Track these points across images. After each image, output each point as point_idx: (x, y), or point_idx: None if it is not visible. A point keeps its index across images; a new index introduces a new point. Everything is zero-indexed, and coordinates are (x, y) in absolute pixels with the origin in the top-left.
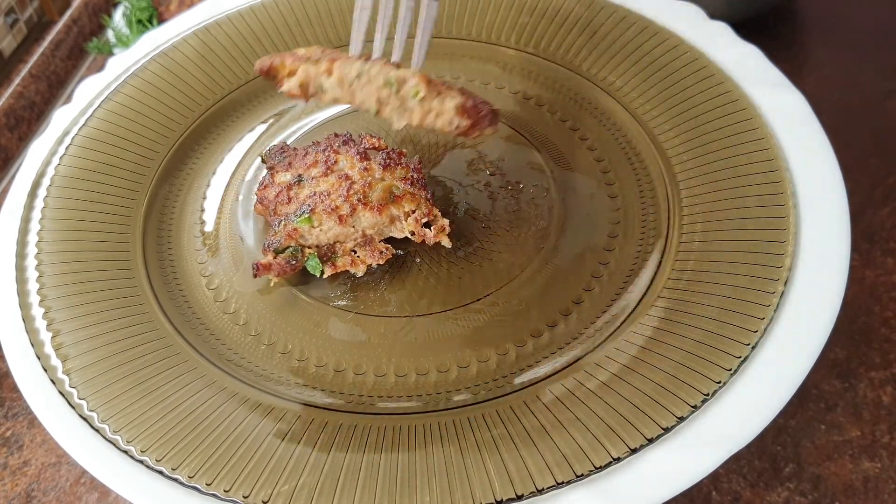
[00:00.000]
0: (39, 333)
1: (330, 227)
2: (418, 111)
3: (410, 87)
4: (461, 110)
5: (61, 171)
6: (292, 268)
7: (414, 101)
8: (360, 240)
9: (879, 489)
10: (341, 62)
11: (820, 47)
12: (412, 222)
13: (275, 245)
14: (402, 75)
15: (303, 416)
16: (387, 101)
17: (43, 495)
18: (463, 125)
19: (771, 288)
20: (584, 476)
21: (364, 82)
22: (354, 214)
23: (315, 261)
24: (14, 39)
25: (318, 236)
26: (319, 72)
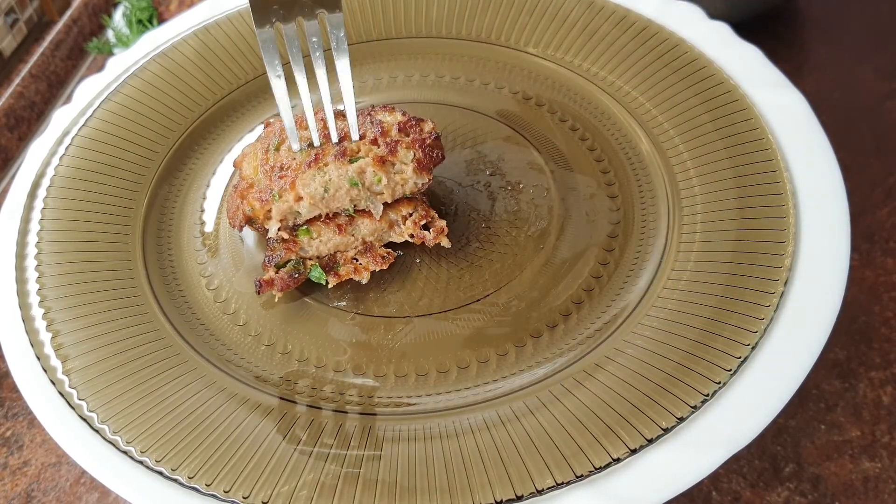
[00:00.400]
0: (39, 334)
1: (329, 237)
2: (387, 192)
3: (370, 177)
4: (418, 170)
5: (61, 172)
6: (295, 281)
7: (380, 187)
8: (360, 247)
9: (879, 489)
10: (301, 182)
11: (820, 47)
12: (410, 225)
13: (275, 260)
14: (360, 168)
15: (302, 417)
16: (358, 197)
17: (43, 495)
18: (426, 182)
19: (771, 288)
20: (583, 476)
21: (332, 192)
22: (353, 223)
23: (318, 271)
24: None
25: (318, 247)
26: (290, 203)
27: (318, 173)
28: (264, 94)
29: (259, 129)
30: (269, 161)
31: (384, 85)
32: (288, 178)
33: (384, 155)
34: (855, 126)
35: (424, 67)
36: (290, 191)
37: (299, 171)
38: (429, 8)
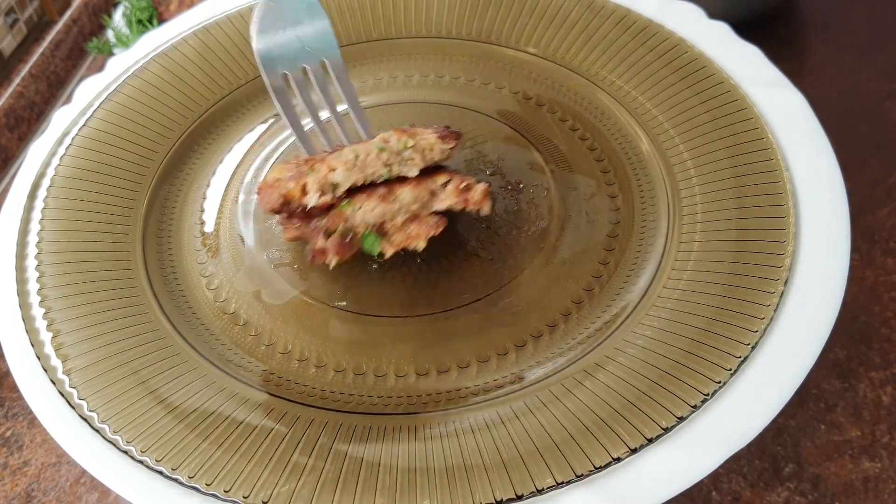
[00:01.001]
0: (39, 333)
1: (373, 206)
2: (418, 156)
3: (396, 143)
4: (440, 138)
5: (61, 172)
6: (349, 246)
7: (409, 152)
8: (406, 216)
9: (879, 489)
10: (332, 156)
11: (820, 47)
12: (452, 189)
13: (321, 225)
14: (384, 137)
15: (302, 417)
16: (390, 160)
17: (43, 495)
18: (451, 149)
19: (771, 288)
20: (584, 476)
21: (363, 158)
22: (393, 192)
23: (372, 237)
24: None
25: (364, 216)
26: (325, 173)
27: (344, 152)
28: (264, 93)
29: (259, 128)
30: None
31: (384, 85)
32: (317, 160)
33: (404, 129)
34: (855, 126)
35: (424, 67)
36: (322, 164)
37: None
38: (429, 8)
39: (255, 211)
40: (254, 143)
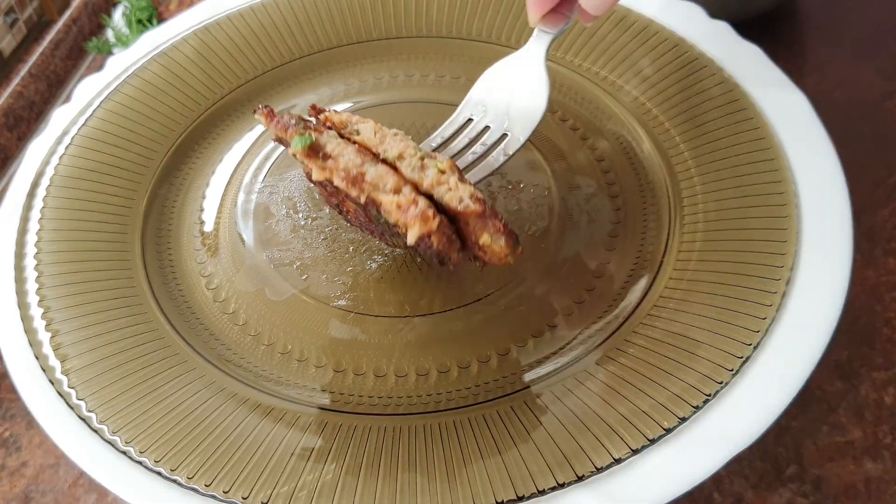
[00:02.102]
0: (38, 333)
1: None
2: (433, 177)
3: (436, 160)
4: (476, 199)
5: (60, 171)
6: (285, 127)
7: (432, 171)
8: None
9: (882, 490)
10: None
11: (821, 47)
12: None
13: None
14: (433, 154)
15: (302, 417)
16: (408, 157)
17: (41, 496)
18: (472, 208)
19: (773, 288)
20: (585, 477)
21: (397, 139)
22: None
23: (307, 140)
24: (13, 39)
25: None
26: (359, 119)
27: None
28: (264, 93)
29: (259, 127)
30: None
31: (384, 84)
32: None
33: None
34: (856, 125)
35: (424, 67)
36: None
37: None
38: (429, 8)
39: (255, 210)
40: (254, 143)
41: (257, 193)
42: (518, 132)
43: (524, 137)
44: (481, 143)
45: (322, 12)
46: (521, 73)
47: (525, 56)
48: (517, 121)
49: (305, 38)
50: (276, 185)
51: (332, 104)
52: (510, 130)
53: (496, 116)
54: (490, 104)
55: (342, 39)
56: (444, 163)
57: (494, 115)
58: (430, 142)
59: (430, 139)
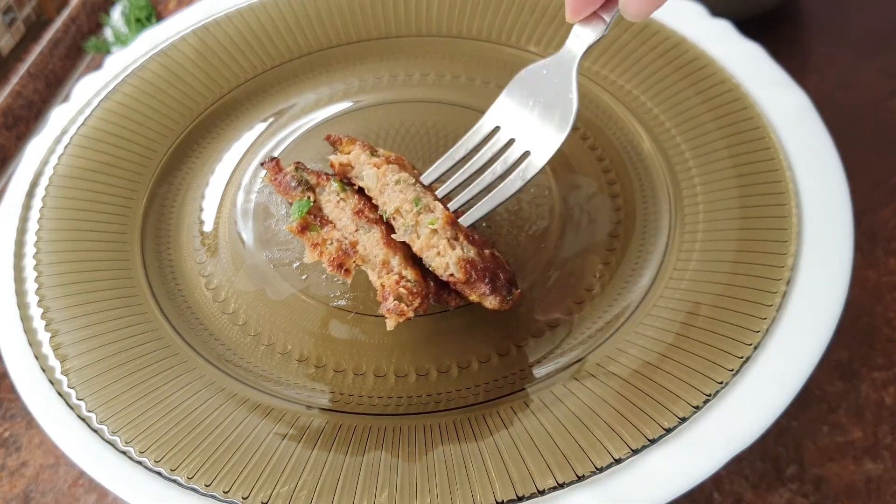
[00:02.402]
0: (38, 333)
1: (345, 209)
2: (425, 240)
3: (430, 216)
4: (463, 262)
5: (59, 171)
6: (286, 190)
7: (425, 230)
8: (346, 243)
9: (882, 490)
10: (392, 167)
11: (822, 46)
12: (393, 281)
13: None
14: (433, 206)
15: (302, 417)
16: (404, 214)
17: (41, 496)
18: (455, 277)
19: (773, 288)
20: (585, 477)
21: (397, 190)
22: (370, 224)
23: (304, 207)
24: (12, 38)
25: (330, 203)
26: (368, 161)
27: (409, 179)
28: (264, 92)
29: (259, 127)
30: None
31: (384, 84)
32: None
33: (462, 228)
34: (858, 125)
35: (424, 66)
36: (382, 161)
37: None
38: (429, 7)
39: (254, 210)
40: (253, 142)
41: (257, 193)
42: (537, 156)
43: (542, 163)
44: (502, 161)
45: (322, 12)
46: (551, 87)
47: (557, 68)
48: (539, 140)
49: (305, 38)
50: None
51: (332, 104)
52: (532, 149)
53: (522, 129)
54: (518, 113)
55: (342, 39)
56: (438, 221)
57: (521, 127)
58: (453, 154)
59: (454, 150)
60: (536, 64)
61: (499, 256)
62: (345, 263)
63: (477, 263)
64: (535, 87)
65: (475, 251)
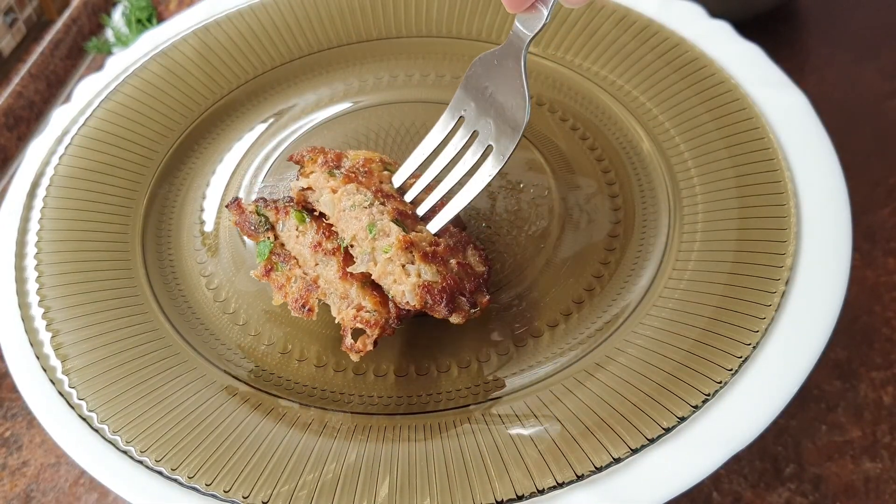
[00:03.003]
0: (39, 333)
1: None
2: (381, 267)
3: (385, 243)
4: (419, 289)
5: (60, 171)
6: (249, 232)
7: (381, 256)
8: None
9: (880, 490)
10: (350, 187)
11: (821, 46)
12: (351, 315)
13: (260, 205)
14: (387, 229)
15: (302, 417)
16: (360, 242)
17: (42, 496)
18: (410, 304)
19: (772, 288)
20: (584, 476)
21: (352, 216)
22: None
23: (266, 248)
24: (13, 39)
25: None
26: (326, 185)
27: (366, 197)
28: (264, 93)
29: (259, 127)
30: (371, 166)
31: (384, 84)
32: (352, 177)
33: (418, 247)
34: (856, 125)
35: (424, 67)
36: (340, 182)
37: (368, 184)
38: (429, 7)
39: None
40: (254, 143)
41: (257, 193)
42: (497, 154)
43: (501, 163)
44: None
45: (322, 12)
46: (502, 76)
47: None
48: (499, 135)
49: (305, 39)
50: (276, 185)
51: (332, 104)
52: (494, 143)
53: (483, 120)
54: (477, 102)
55: (342, 39)
56: (392, 248)
57: (482, 118)
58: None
59: (421, 147)
60: (487, 53)
61: (467, 264)
62: (307, 303)
63: (434, 287)
64: (489, 76)
65: (434, 270)
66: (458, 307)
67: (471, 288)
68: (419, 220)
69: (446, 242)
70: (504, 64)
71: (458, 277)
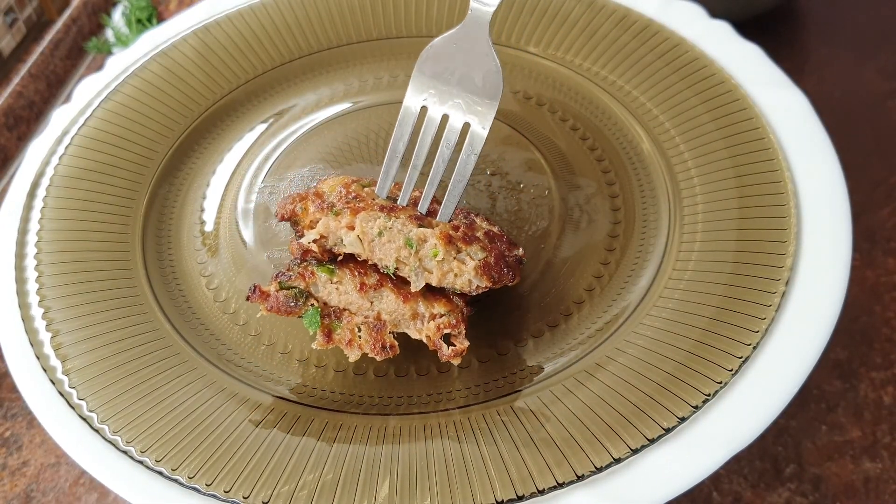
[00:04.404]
0: (39, 333)
1: (347, 290)
2: (437, 272)
3: (429, 248)
4: (481, 270)
5: (60, 171)
6: (288, 310)
7: (432, 263)
8: (371, 320)
9: (880, 490)
10: (364, 216)
11: (821, 46)
12: (433, 327)
13: (283, 278)
14: (422, 235)
15: (303, 417)
16: (406, 260)
17: (42, 496)
18: (482, 287)
19: (772, 288)
20: (584, 476)
21: (385, 241)
22: (379, 290)
23: (314, 317)
24: (13, 39)
25: (331, 294)
26: (340, 226)
27: (384, 218)
28: (264, 93)
29: (259, 127)
30: (351, 189)
31: (384, 84)
32: (354, 206)
33: (455, 236)
34: (856, 125)
35: None
36: (349, 216)
37: (370, 207)
38: (429, 7)
39: (255, 210)
40: (254, 143)
41: (258, 193)
42: (478, 125)
43: (485, 130)
44: (445, 144)
45: (322, 12)
46: (467, 55)
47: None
48: (475, 108)
49: (305, 39)
50: (277, 185)
51: (332, 104)
52: (470, 119)
53: (452, 102)
54: (441, 88)
55: (342, 40)
56: (439, 249)
57: (450, 101)
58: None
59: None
60: (442, 37)
61: (491, 229)
62: (385, 342)
63: (489, 262)
64: (451, 60)
65: (478, 248)
66: (514, 266)
67: (506, 248)
68: (426, 217)
69: (461, 223)
70: (466, 42)
71: (495, 244)
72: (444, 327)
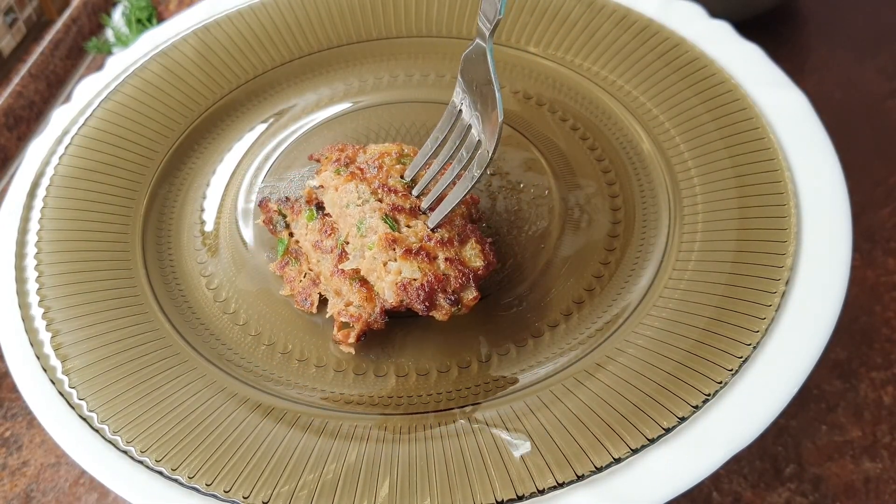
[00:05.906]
0: (39, 333)
1: (309, 240)
2: (367, 264)
3: (369, 241)
4: (396, 287)
5: (60, 171)
6: (271, 229)
7: (367, 253)
8: (313, 274)
9: (880, 490)
10: (346, 185)
11: (821, 46)
12: (339, 309)
13: (282, 205)
14: (374, 226)
15: (302, 417)
16: (353, 238)
17: (42, 496)
18: (390, 303)
19: (772, 288)
20: (585, 476)
21: (348, 213)
22: (326, 253)
23: (282, 246)
24: (13, 39)
25: (303, 235)
26: (332, 184)
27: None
28: (264, 93)
29: (259, 127)
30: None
31: (384, 84)
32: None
33: (401, 244)
34: (856, 125)
35: (424, 66)
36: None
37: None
38: (429, 7)
39: (255, 210)
40: (254, 142)
41: (258, 193)
42: (484, 148)
43: (488, 156)
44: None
45: (322, 12)
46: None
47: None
48: (484, 129)
49: (306, 39)
50: (276, 184)
51: (333, 104)
52: (482, 137)
53: (473, 112)
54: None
55: (342, 40)
56: (375, 245)
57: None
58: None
59: (430, 141)
60: (468, 48)
61: (458, 259)
62: (309, 296)
63: (411, 285)
64: (474, 71)
65: (415, 267)
66: (437, 306)
67: (456, 285)
68: (423, 212)
69: (442, 236)
70: (479, 60)
71: (443, 275)
72: (346, 315)
